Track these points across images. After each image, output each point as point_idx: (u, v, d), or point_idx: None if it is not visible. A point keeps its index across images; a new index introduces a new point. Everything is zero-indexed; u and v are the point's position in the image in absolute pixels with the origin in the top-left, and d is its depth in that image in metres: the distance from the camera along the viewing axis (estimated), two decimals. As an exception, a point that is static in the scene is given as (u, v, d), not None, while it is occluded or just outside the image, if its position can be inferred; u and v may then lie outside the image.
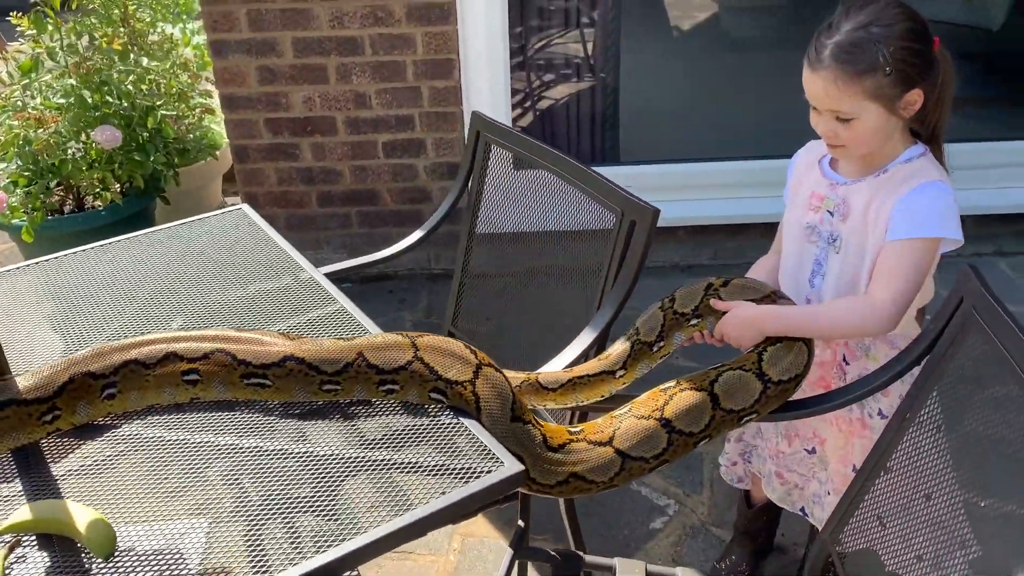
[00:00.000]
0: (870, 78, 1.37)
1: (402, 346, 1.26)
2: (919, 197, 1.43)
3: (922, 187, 1.43)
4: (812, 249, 1.58)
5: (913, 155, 1.47)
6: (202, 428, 1.23)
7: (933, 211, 1.42)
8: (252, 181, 3.01)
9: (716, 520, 2.14)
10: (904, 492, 1.27)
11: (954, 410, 1.19)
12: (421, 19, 2.75)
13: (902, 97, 1.40)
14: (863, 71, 1.37)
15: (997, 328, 1.06)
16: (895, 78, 1.38)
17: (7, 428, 1.18)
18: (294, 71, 2.82)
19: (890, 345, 1.54)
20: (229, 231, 1.80)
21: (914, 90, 1.40)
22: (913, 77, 1.39)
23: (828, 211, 1.53)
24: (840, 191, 1.52)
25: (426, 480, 1.12)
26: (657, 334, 1.50)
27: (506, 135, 1.80)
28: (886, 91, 1.38)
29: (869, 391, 1.34)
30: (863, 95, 1.38)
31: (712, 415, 1.30)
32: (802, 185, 1.61)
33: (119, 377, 1.25)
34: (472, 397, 1.22)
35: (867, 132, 1.42)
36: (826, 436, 1.64)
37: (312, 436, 1.21)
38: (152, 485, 1.14)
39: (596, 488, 1.26)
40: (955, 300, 1.18)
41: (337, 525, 1.05)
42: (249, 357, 1.25)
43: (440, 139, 2.96)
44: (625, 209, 1.47)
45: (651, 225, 1.42)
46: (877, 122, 1.41)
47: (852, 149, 1.47)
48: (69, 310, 1.53)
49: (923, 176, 1.45)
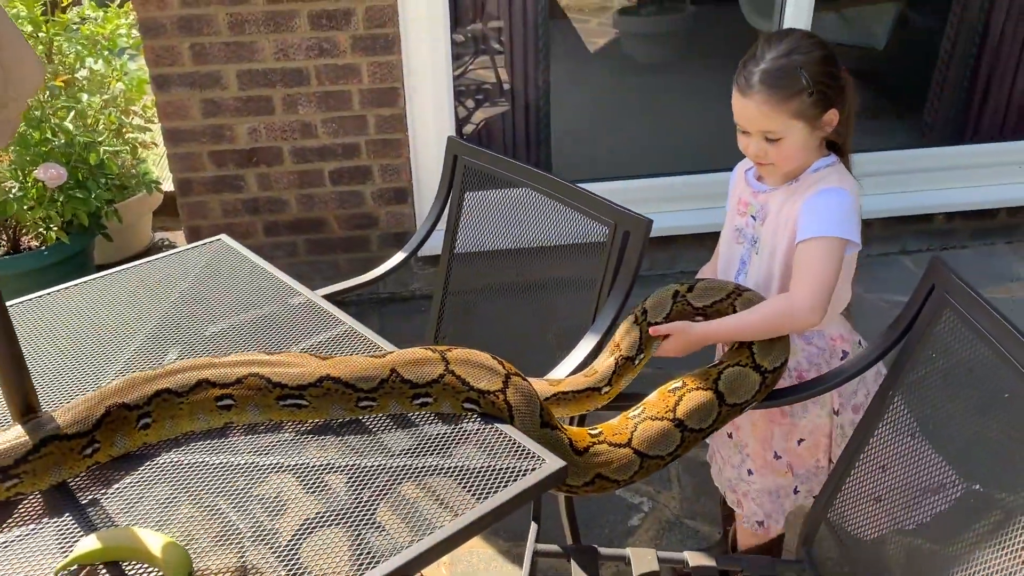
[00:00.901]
0: (796, 100, 1.52)
1: (432, 360, 1.33)
2: (820, 200, 1.55)
3: (824, 192, 1.56)
4: (739, 250, 1.72)
5: (821, 165, 1.60)
6: (243, 450, 1.26)
7: (833, 214, 1.54)
8: (196, 214, 2.98)
9: (688, 513, 2.27)
10: (887, 462, 1.42)
11: (930, 386, 1.34)
12: (366, 50, 2.81)
13: (822, 116, 1.55)
14: (790, 94, 1.52)
15: (970, 307, 1.22)
16: (816, 99, 1.52)
17: (50, 464, 1.18)
18: (239, 103, 2.83)
19: (806, 341, 1.66)
20: (211, 262, 1.81)
21: (831, 109, 1.55)
22: (830, 98, 1.54)
23: (752, 216, 1.68)
24: (760, 198, 1.66)
25: (476, 481, 1.19)
26: (637, 348, 1.58)
27: (486, 157, 1.88)
28: (809, 111, 1.53)
29: (846, 378, 1.49)
30: (789, 115, 1.53)
31: (719, 411, 1.42)
32: (734, 193, 1.76)
33: (152, 407, 1.27)
34: (504, 405, 1.30)
35: (794, 149, 1.56)
36: (740, 423, 1.75)
37: (355, 450, 1.25)
38: (204, 508, 1.16)
39: (617, 486, 1.36)
40: (926, 287, 1.34)
41: (408, 526, 1.11)
42: (285, 379, 1.29)
43: (387, 165, 3.01)
44: (618, 221, 1.58)
45: (645, 235, 1.54)
46: (801, 139, 1.55)
47: (780, 166, 1.60)
48: (58, 351, 1.52)
49: (825, 183, 1.58)
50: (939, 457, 1.33)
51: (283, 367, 1.31)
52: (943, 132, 3.89)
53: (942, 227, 3.64)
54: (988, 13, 3.60)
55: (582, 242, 1.70)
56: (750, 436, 1.72)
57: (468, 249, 1.98)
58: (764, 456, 1.71)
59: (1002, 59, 3.65)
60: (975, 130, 3.78)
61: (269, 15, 2.71)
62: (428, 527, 1.11)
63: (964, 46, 3.73)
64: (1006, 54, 3.64)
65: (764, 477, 1.72)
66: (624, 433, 1.38)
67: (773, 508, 1.73)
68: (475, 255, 1.99)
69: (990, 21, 3.60)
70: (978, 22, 3.66)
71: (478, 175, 1.93)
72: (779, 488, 1.72)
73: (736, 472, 1.77)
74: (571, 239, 1.73)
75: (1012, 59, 3.65)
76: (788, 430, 1.68)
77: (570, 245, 1.74)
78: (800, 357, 1.66)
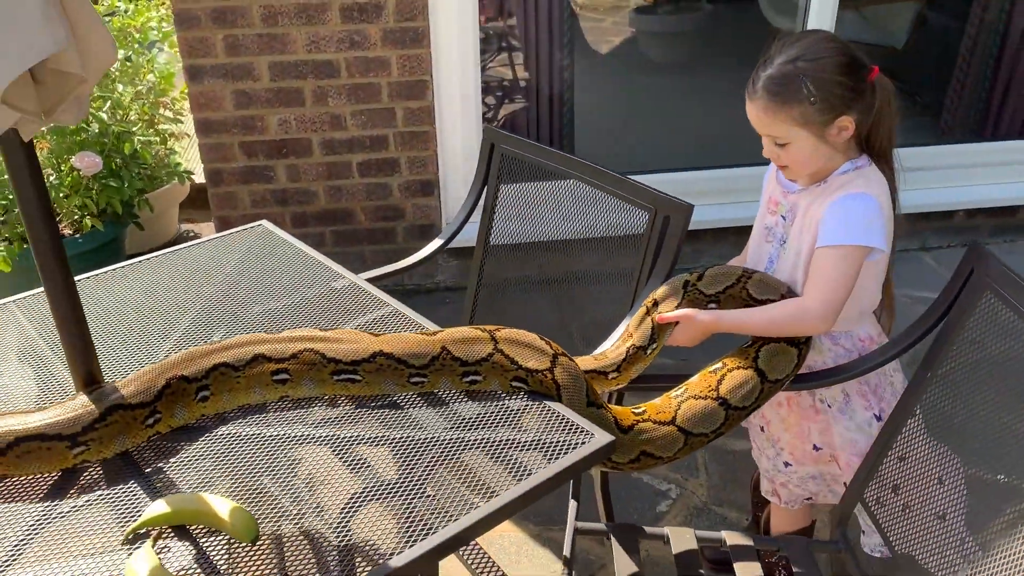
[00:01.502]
0: (797, 107, 1.49)
1: (482, 339, 1.36)
2: (844, 207, 1.52)
3: (848, 197, 1.53)
4: (768, 248, 1.72)
5: (849, 168, 1.56)
6: (298, 423, 1.29)
7: (857, 221, 1.51)
8: (225, 204, 3.02)
9: (715, 500, 2.29)
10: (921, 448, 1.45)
11: (968, 367, 1.37)
12: (396, 42, 2.84)
13: (831, 124, 1.50)
14: (790, 101, 1.49)
15: (1011, 290, 1.25)
16: (821, 107, 1.48)
17: (115, 432, 1.22)
18: (270, 95, 2.87)
19: (833, 341, 1.66)
20: (255, 246, 1.85)
21: (842, 117, 1.50)
22: (839, 106, 1.49)
23: (782, 216, 1.68)
24: (791, 198, 1.64)
25: (528, 453, 1.22)
26: (650, 338, 1.59)
27: (524, 146, 1.91)
28: (814, 119, 1.49)
29: (883, 361, 1.52)
30: (791, 122, 1.50)
31: (761, 388, 1.45)
32: (766, 192, 1.75)
33: (210, 380, 1.31)
34: (552, 384, 1.33)
35: (802, 155, 1.54)
36: (770, 418, 1.77)
37: (407, 423, 1.29)
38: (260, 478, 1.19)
39: (662, 462, 1.38)
40: (965, 271, 1.37)
41: (469, 491, 1.14)
42: (339, 355, 1.33)
43: (414, 157, 3.05)
44: (658, 207, 1.61)
45: (686, 219, 1.57)
46: (809, 146, 1.52)
47: (795, 169, 1.58)
48: (112, 327, 1.55)
49: (850, 187, 1.54)
50: (975, 444, 1.36)
51: (337, 343, 1.35)
52: (964, 129, 3.91)
53: (963, 224, 3.66)
54: (1009, 13, 3.62)
55: (617, 234, 1.73)
56: (782, 431, 1.75)
57: (502, 241, 2.00)
58: (802, 448, 1.72)
59: (1023, 57, 3.67)
60: (995, 127, 3.80)
61: (301, 7, 2.75)
62: (487, 493, 1.14)
63: (984, 45, 3.75)
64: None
65: (805, 466, 1.73)
66: (668, 412, 1.41)
67: (819, 488, 1.75)
68: (509, 247, 2.01)
69: (1011, 20, 3.62)
70: (998, 21, 3.68)
71: (514, 165, 1.96)
72: (823, 473, 1.74)
73: (771, 463, 1.79)
74: (606, 231, 1.75)
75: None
76: (824, 427, 1.68)
77: (605, 238, 1.77)
78: (827, 357, 1.66)
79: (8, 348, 1.49)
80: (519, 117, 3.45)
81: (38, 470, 1.19)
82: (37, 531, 1.10)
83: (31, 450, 1.17)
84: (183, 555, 1.07)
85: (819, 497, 1.77)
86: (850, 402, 1.63)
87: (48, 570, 1.03)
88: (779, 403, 1.72)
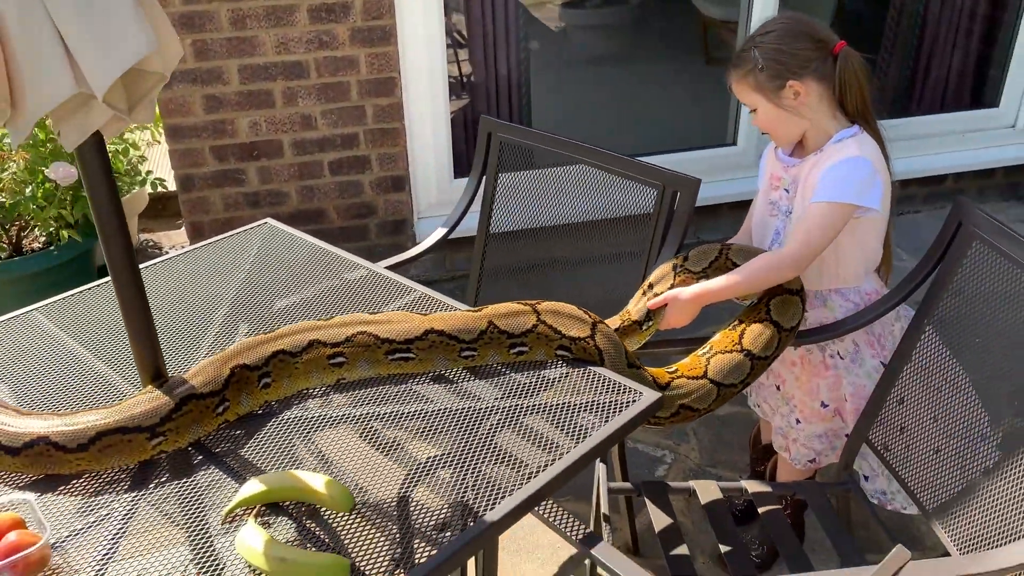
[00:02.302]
0: (751, 76, 1.70)
1: (525, 312, 1.44)
2: (834, 169, 1.67)
3: (843, 161, 1.66)
4: (773, 222, 1.85)
5: (844, 135, 1.70)
6: (358, 403, 1.35)
7: (850, 181, 1.65)
8: (198, 210, 3.01)
9: (709, 462, 2.42)
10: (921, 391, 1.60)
11: (961, 311, 1.52)
12: (364, 41, 2.89)
13: (783, 88, 1.68)
14: (745, 72, 1.71)
15: (997, 237, 1.40)
16: (769, 73, 1.68)
17: (189, 422, 1.26)
18: (240, 97, 2.87)
19: (843, 297, 1.81)
20: (266, 243, 1.88)
21: (791, 82, 1.67)
22: (784, 72, 1.67)
23: (784, 189, 1.81)
24: (791, 171, 1.78)
25: (585, 414, 1.31)
26: (645, 315, 1.70)
27: (523, 133, 1.99)
28: (765, 84, 1.69)
29: (886, 310, 1.66)
30: (750, 89, 1.71)
31: (779, 338, 1.58)
32: (766, 171, 1.89)
33: (271, 367, 1.36)
34: (595, 350, 1.42)
35: (767, 118, 1.73)
36: (785, 377, 1.93)
37: (468, 394, 1.36)
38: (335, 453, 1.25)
39: (699, 415, 1.49)
40: (953, 223, 1.52)
41: (538, 451, 1.23)
42: (392, 335, 1.39)
43: (384, 154, 3.09)
44: (666, 183, 1.71)
45: (694, 192, 1.68)
46: (768, 109, 1.72)
47: (773, 136, 1.77)
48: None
49: (845, 152, 1.68)
50: (968, 385, 1.50)
51: (388, 324, 1.41)
52: (890, 105, 4.17)
53: (898, 193, 3.90)
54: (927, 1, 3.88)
55: (621, 215, 1.83)
56: (795, 388, 1.88)
57: (502, 228, 2.07)
58: (811, 405, 1.85)
59: (940, 37, 3.93)
60: (918, 104, 4.07)
61: (270, 10, 2.76)
62: (554, 450, 1.23)
63: (907, 25, 4.01)
64: (943, 36, 3.92)
65: (812, 424, 1.87)
66: (699, 368, 1.52)
67: (823, 447, 1.89)
68: (509, 234, 2.08)
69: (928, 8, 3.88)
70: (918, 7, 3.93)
71: (513, 152, 2.04)
72: (827, 431, 1.87)
73: (785, 420, 1.92)
74: (609, 212, 1.85)
75: (948, 43, 3.93)
76: (833, 382, 1.82)
77: (608, 219, 1.86)
78: (837, 312, 1.80)
79: (44, 354, 1.50)
80: (481, 110, 3.52)
81: (118, 463, 1.22)
82: (128, 524, 1.13)
83: (112, 443, 1.20)
84: (286, 529, 1.12)
85: (821, 458, 1.91)
86: (859, 351, 1.78)
87: (149, 562, 1.06)
88: (792, 362, 1.85)
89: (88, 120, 1.04)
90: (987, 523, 1.39)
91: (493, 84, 3.42)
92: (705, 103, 4.24)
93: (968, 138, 3.98)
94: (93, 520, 1.14)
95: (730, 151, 3.63)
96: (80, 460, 1.20)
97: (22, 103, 0.99)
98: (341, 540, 1.10)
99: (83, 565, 1.06)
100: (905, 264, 3.42)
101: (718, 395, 1.50)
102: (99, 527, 1.12)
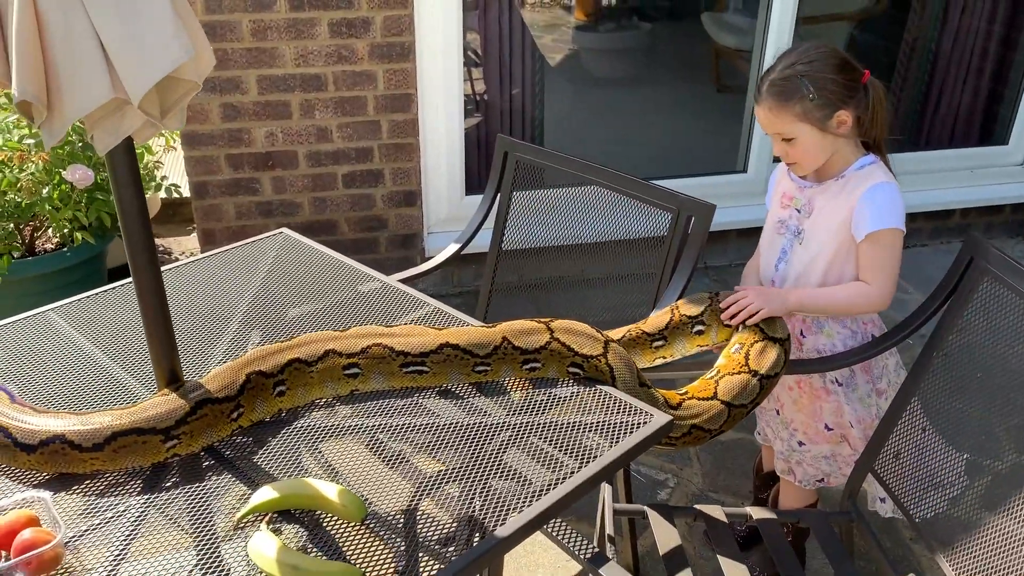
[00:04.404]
0: (798, 104, 1.70)
1: (539, 330, 1.45)
2: (877, 195, 1.71)
3: (878, 186, 1.72)
4: (780, 240, 1.88)
5: (865, 163, 1.76)
6: (371, 414, 1.36)
7: (893, 207, 1.71)
8: (211, 217, 3.03)
9: (711, 486, 2.43)
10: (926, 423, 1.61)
11: (970, 345, 1.53)
12: (383, 57, 2.92)
13: (831, 118, 1.71)
14: (792, 99, 1.70)
15: (1009, 274, 1.42)
16: (820, 103, 1.69)
17: (204, 426, 1.27)
18: (258, 107, 2.90)
19: (841, 324, 1.84)
20: (281, 253, 1.90)
21: (840, 111, 1.70)
22: (835, 101, 1.70)
23: (796, 209, 1.84)
24: (807, 193, 1.82)
25: (595, 434, 1.32)
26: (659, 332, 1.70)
27: (540, 154, 2.01)
28: (814, 113, 1.70)
29: (893, 343, 1.68)
30: (795, 118, 1.71)
31: (784, 356, 1.59)
32: (777, 190, 1.92)
33: (286, 375, 1.37)
34: (607, 368, 1.43)
35: (808, 147, 1.74)
36: (784, 401, 1.93)
37: (475, 410, 1.37)
38: (346, 462, 1.26)
39: (709, 436, 1.50)
40: (965, 258, 1.53)
41: (546, 470, 1.23)
42: (407, 347, 1.40)
43: (397, 169, 3.12)
44: (681, 207, 1.73)
45: (708, 218, 1.69)
46: (813, 139, 1.72)
47: (803, 164, 1.78)
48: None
49: (875, 179, 1.73)
50: (974, 420, 1.51)
51: (403, 336, 1.42)
52: (899, 139, 4.19)
53: (909, 226, 3.92)
54: (939, 37, 3.91)
55: (632, 237, 1.84)
56: (795, 412, 1.89)
57: (514, 246, 2.09)
58: (815, 427, 1.86)
59: (952, 73, 3.97)
60: (927, 139, 4.10)
61: (291, 22, 2.80)
62: (562, 469, 1.23)
63: (918, 60, 4.05)
64: (953, 74, 3.96)
65: (818, 445, 1.88)
66: (708, 389, 1.53)
67: (831, 469, 1.89)
68: (521, 252, 2.10)
69: (940, 44, 3.91)
70: (929, 43, 3.97)
71: (527, 171, 2.06)
72: (835, 454, 1.88)
73: (786, 444, 1.93)
74: (621, 234, 1.86)
75: (959, 79, 3.97)
76: (835, 407, 1.83)
77: (619, 241, 1.88)
78: (836, 340, 1.83)
79: (59, 354, 1.51)
80: (495, 130, 3.55)
81: (131, 463, 1.23)
82: (140, 525, 1.14)
83: (127, 444, 1.21)
84: (297, 536, 1.13)
85: (831, 479, 1.91)
86: (854, 376, 1.80)
87: (158, 563, 1.07)
88: (790, 386, 1.86)
89: (121, 125, 1.06)
90: (991, 560, 1.40)
91: (507, 103, 3.45)
92: (716, 129, 4.27)
93: (977, 174, 4.00)
94: (105, 519, 1.14)
95: (740, 178, 3.66)
96: (95, 460, 1.21)
97: (58, 105, 1.01)
98: (351, 550, 1.10)
99: (95, 564, 1.07)
100: (911, 297, 3.43)
101: (729, 415, 1.51)
102: (111, 527, 1.13)
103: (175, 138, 3.33)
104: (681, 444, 1.48)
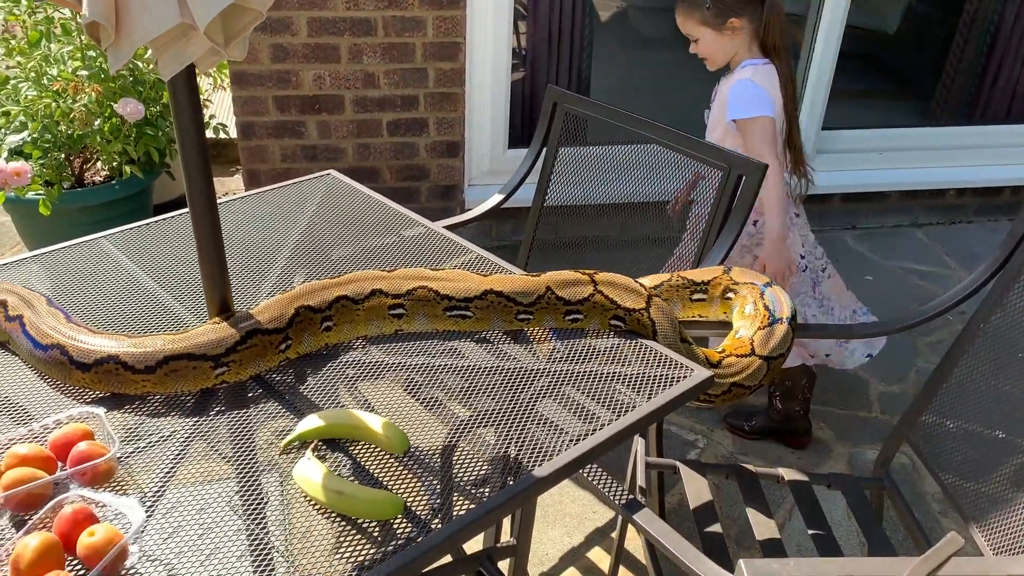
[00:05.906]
0: (698, 11, 2.17)
1: (582, 281, 1.46)
2: (737, 88, 2.18)
3: (738, 82, 2.19)
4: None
5: (748, 63, 2.21)
6: (414, 353, 1.38)
7: (748, 98, 2.15)
8: (256, 158, 3.06)
9: (740, 450, 2.43)
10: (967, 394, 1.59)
11: (1012, 325, 1.51)
12: (433, 3, 2.89)
13: (724, 24, 2.16)
14: (694, 7, 2.17)
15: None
16: (715, 11, 2.15)
17: (253, 355, 1.29)
18: (307, 50, 2.90)
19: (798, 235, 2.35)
20: (324, 194, 1.92)
21: (732, 19, 2.15)
22: (727, 11, 2.15)
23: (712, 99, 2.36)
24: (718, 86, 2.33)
25: (634, 385, 1.33)
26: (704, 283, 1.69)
27: (589, 106, 2.00)
28: (710, 20, 2.17)
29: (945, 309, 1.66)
30: (697, 23, 2.19)
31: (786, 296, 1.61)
32: None
33: (333, 311, 1.39)
34: (648, 322, 1.43)
35: (710, 46, 2.21)
36: None
37: (517, 356, 1.38)
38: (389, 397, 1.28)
39: (750, 392, 1.50)
40: (1018, 234, 1.51)
41: (583, 418, 1.25)
42: (452, 292, 1.41)
43: (442, 119, 3.11)
44: (732, 165, 1.71)
45: (761, 176, 1.68)
46: (712, 40, 2.20)
47: (711, 60, 2.26)
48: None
49: (742, 75, 2.20)
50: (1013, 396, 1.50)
51: (449, 281, 1.43)
52: (953, 112, 4.09)
53: (952, 202, 3.85)
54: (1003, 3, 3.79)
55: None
56: None
57: (557, 202, 2.08)
58: None
59: (1012, 46, 3.85)
60: (984, 112, 3.99)
61: (343, -36, 2.78)
62: (595, 422, 1.25)
63: (977, 32, 3.93)
64: (1017, 42, 3.84)
65: None
66: (744, 345, 1.52)
67: None
68: (562, 208, 2.10)
69: (1004, 10, 3.80)
70: (991, 12, 3.85)
71: (576, 126, 2.04)
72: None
73: None
74: (667, 194, 1.86)
75: (1020, 51, 3.85)
76: None
77: (663, 201, 1.87)
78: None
79: (110, 280, 1.55)
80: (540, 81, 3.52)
81: (181, 388, 1.26)
82: (187, 448, 1.17)
83: (178, 368, 1.25)
84: (340, 464, 1.16)
85: None
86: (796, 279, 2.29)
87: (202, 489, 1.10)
88: None
89: (186, 51, 1.07)
90: (1023, 532, 1.39)
91: (554, 59, 3.41)
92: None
93: (1031, 152, 3.90)
94: (153, 441, 1.18)
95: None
96: (146, 382, 1.24)
97: (126, 29, 1.03)
98: (391, 481, 1.13)
99: (144, 482, 1.10)
100: (953, 273, 3.38)
101: (768, 369, 1.50)
102: (156, 450, 1.16)
103: (223, 77, 3.35)
104: (720, 401, 1.48)
